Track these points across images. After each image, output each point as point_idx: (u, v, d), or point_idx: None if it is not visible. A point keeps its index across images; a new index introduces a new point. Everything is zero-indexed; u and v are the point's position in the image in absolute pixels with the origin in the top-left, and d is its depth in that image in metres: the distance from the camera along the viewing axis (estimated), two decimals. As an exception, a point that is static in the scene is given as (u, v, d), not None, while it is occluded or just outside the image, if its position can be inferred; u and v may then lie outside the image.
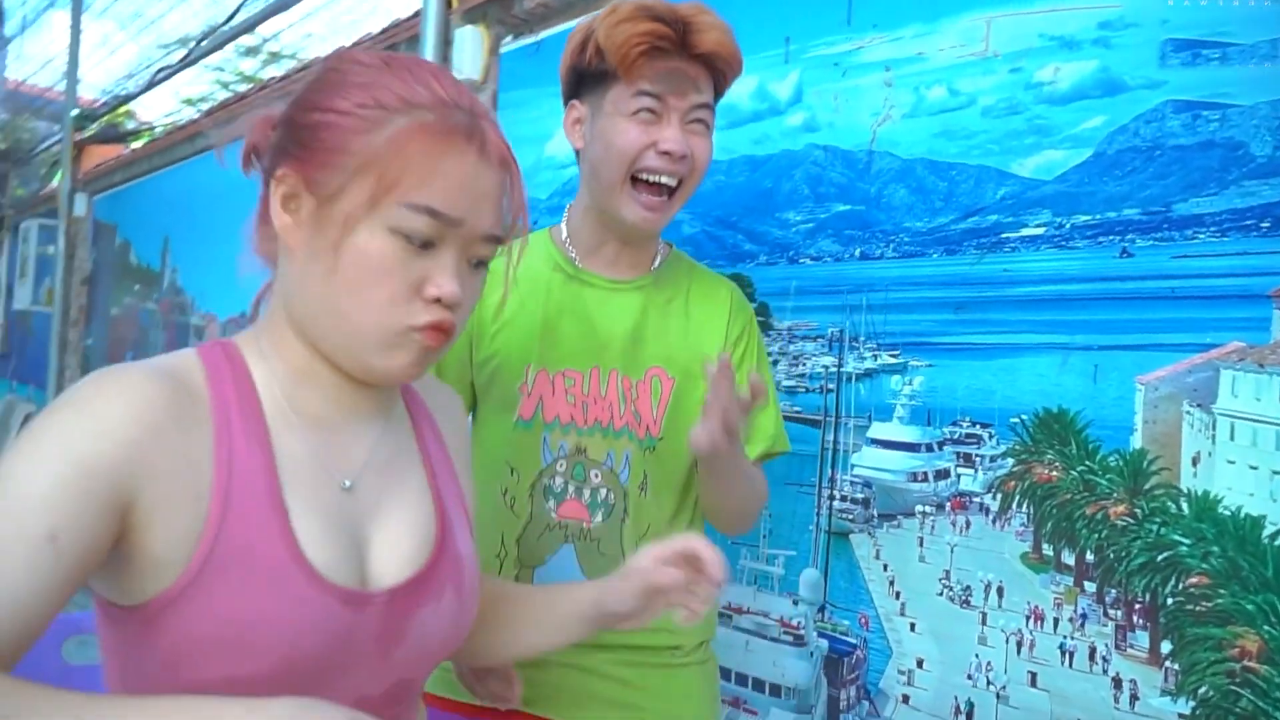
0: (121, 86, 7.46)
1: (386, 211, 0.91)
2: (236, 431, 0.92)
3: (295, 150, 0.95)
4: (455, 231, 0.94)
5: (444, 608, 1.02)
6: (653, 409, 1.51)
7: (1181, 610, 1.53)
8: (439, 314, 0.94)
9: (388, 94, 0.93)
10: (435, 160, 0.92)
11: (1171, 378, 1.58)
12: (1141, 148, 1.65)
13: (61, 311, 7.48)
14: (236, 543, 0.87)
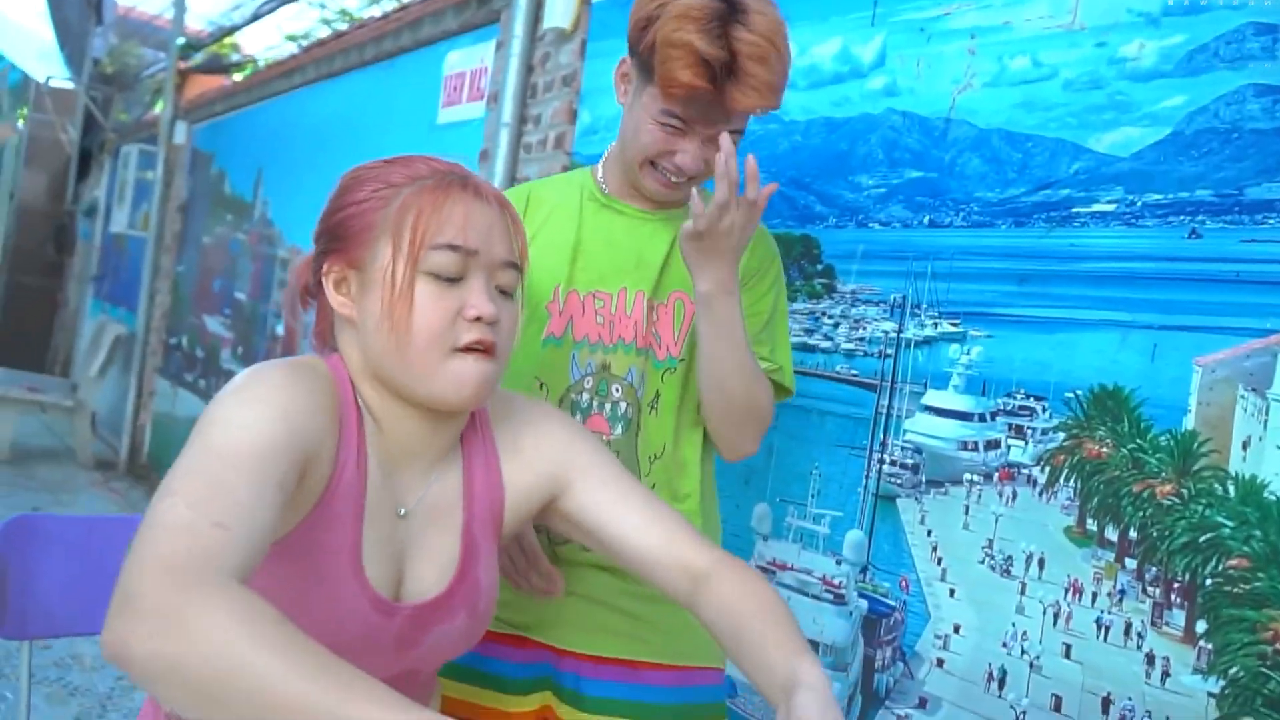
0: (227, 18, 7.63)
1: (413, 258, 1.08)
2: (350, 441, 1.11)
3: (334, 245, 1.15)
4: (476, 261, 1.11)
5: (457, 626, 1.20)
6: (674, 331, 1.59)
7: (1219, 591, 1.54)
8: (480, 331, 1.10)
9: (394, 175, 1.14)
10: (441, 206, 1.10)
11: (1229, 361, 1.57)
12: (1219, 129, 1.64)
13: (156, 237, 7.72)
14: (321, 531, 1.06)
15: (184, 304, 7.28)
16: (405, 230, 1.09)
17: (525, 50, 3.47)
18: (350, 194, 1.16)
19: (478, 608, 1.22)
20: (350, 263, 1.14)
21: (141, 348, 7.72)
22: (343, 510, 1.09)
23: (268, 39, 6.77)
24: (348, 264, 1.14)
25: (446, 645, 1.21)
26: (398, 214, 1.10)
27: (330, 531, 1.08)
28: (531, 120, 3.51)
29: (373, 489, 1.13)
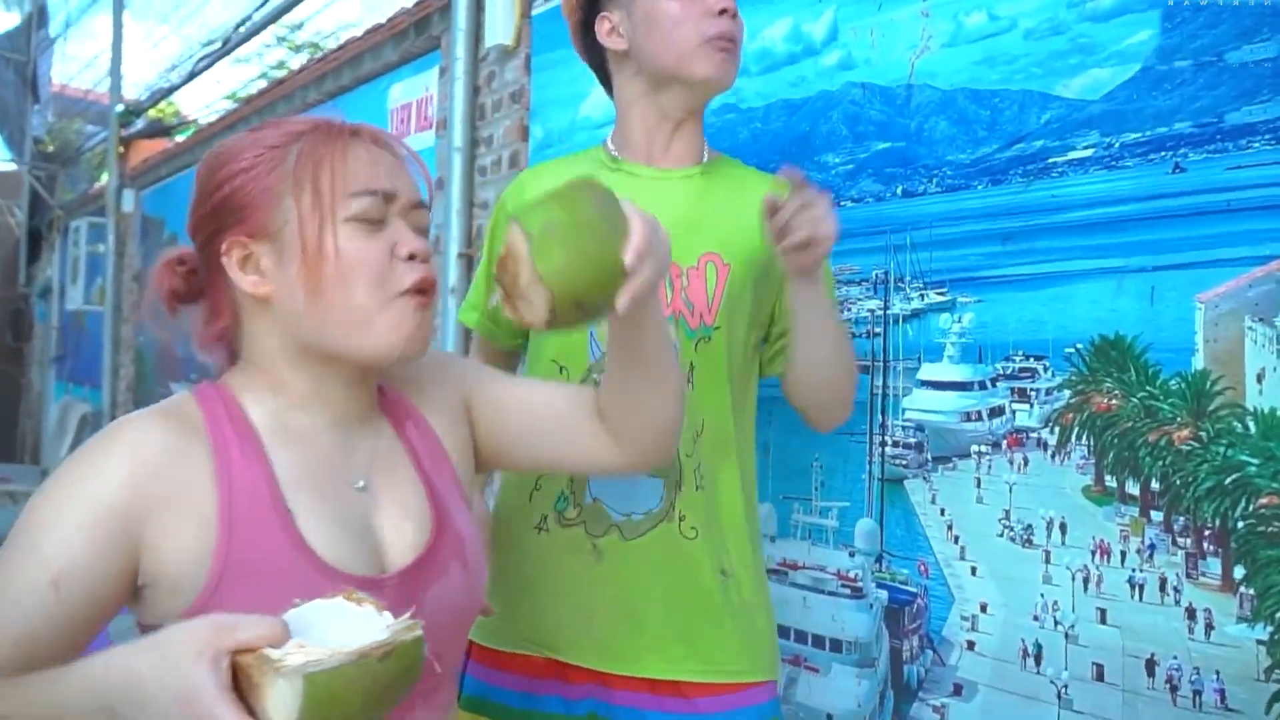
0: (164, 79, 7.54)
1: (335, 208, 1.02)
2: (233, 453, 1.02)
3: (226, 221, 1.05)
4: (393, 205, 1.05)
5: (452, 582, 1.11)
6: (708, 296, 1.48)
7: (1254, 533, 1.48)
8: (421, 269, 1.05)
9: (271, 137, 1.06)
10: (343, 155, 1.04)
11: (1232, 293, 1.52)
12: (1190, 59, 1.58)
13: (113, 309, 7.60)
14: (247, 552, 0.98)
15: (149, 374, 7.15)
16: (312, 181, 1.02)
17: (469, 72, 3.41)
18: (228, 167, 1.06)
19: (466, 557, 1.14)
20: (253, 234, 1.04)
21: (112, 423, 7.57)
22: (257, 512, 1.00)
23: (207, 97, 6.68)
24: (250, 236, 1.04)
25: (448, 610, 1.11)
26: (298, 168, 1.03)
27: (258, 536, 1.00)
28: (483, 142, 3.44)
29: (289, 472, 1.04)
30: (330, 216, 1.01)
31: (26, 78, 9.99)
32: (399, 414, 1.18)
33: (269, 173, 1.03)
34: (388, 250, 1.03)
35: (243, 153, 1.06)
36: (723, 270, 1.48)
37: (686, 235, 1.46)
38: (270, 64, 6.46)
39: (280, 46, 7.09)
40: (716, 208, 1.50)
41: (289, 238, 1.02)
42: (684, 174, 1.54)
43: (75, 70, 10.46)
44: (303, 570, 0.99)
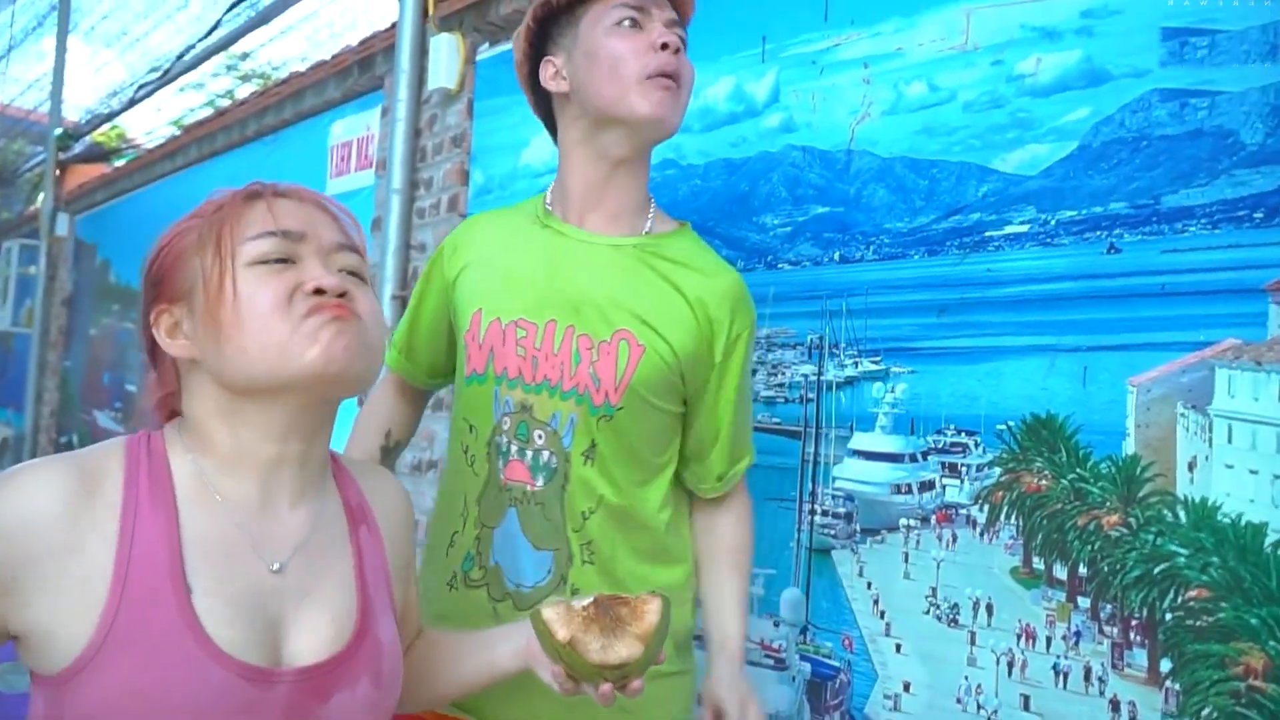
0: (105, 105, 7.40)
1: (237, 256, 1.01)
2: (143, 515, 0.99)
3: (154, 293, 1.07)
4: (305, 246, 1.03)
5: (359, 694, 1.06)
6: (616, 375, 1.42)
7: (1181, 625, 1.44)
8: (323, 299, 1.00)
9: (198, 211, 1.08)
10: (250, 208, 1.04)
11: (1164, 378, 1.50)
12: (1128, 139, 1.57)
13: (41, 333, 7.40)
14: (135, 619, 0.94)
15: (73, 400, 6.94)
16: (215, 236, 1.02)
17: (411, 114, 3.35)
18: (159, 243, 1.09)
19: (381, 672, 1.07)
20: (173, 299, 1.05)
21: (30, 449, 7.34)
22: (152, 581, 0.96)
23: (148, 123, 6.57)
24: (171, 302, 1.05)
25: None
26: (205, 230, 1.04)
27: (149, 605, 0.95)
28: (423, 184, 3.38)
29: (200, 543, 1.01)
30: (229, 262, 1.00)
31: (-35, 95, 9.76)
32: (357, 515, 1.15)
33: (183, 239, 1.05)
34: (291, 285, 1.01)
35: (174, 228, 1.08)
36: (635, 350, 1.42)
37: (605, 307, 1.43)
38: (217, 91, 6.35)
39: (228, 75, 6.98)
40: (641, 288, 1.44)
41: (201, 292, 1.02)
42: (614, 243, 1.47)
43: (19, 90, 10.22)
44: (190, 649, 0.95)
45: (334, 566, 1.09)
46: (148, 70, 6.49)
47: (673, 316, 1.43)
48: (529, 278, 1.46)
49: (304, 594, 1.05)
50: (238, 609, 0.99)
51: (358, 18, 4.79)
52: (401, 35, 3.31)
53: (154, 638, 0.94)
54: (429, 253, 3.29)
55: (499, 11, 3.00)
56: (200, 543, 1.00)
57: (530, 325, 1.44)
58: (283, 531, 1.06)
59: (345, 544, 1.12)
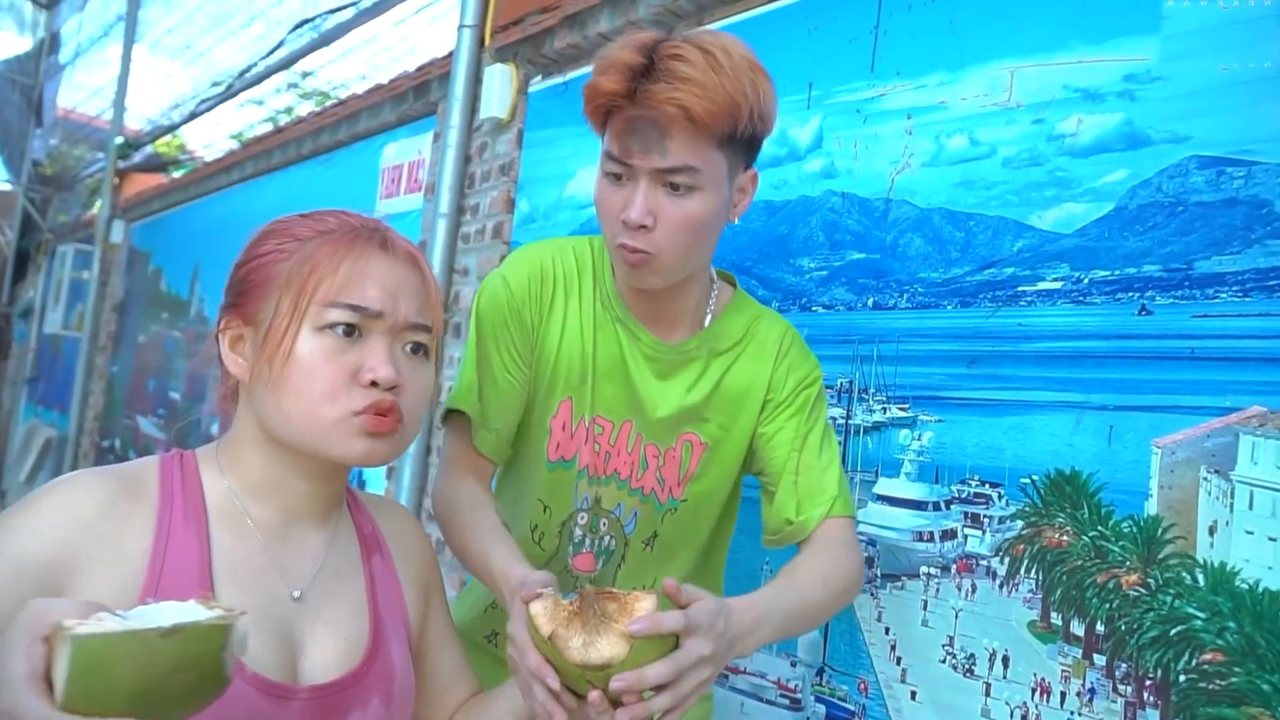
0: (166, 117, 7.58)
1: (309, 315, 1.02)
2: (176, 529, 1.02)
3: (233, 300, 1.09)
4: (378, 323, 1.04)
5: (371, 714, 1.09)
6: (680, 473, 1.45)
7: (1195, 688, 1.44)
8: (376, 396, 1.03)
9: (301, 229, 1.07)
10: (341, 260, 1.03)
11: (1189, 442, 1.50)
12: (1164, 203, 1.59)
13: (90, 337, 7.54)
14: None
15: (117, 405, 7.06)
16: (299, 282, 1.03)
17: (462, 141, 3.42)
18: (255, 248, 1.09)
19: (392, 693, 1.11)
20: (246, 319, 1.07)
21: (74, 450, 7.46)
22: (182, 592, 0.98)
23: (209, 136, 6.73)
24: (244, 320, 1.07)
25: None
26: (296, 266, 1.04)
27: None
28: (469, 210, 3.45)
29: (229, 561, 1.04)
30: (299, 319, 1.02)
31: (32, 101, 10.03)
32: (370, 544, 1.19)
33: (274, 264, 1.05)
34: (353, 369, 1.03)
35: (272, 237, 1.08)
36: (697, 450, 1.45)
37: (669, 420, 1.43)
38: (277, 108, 6.49)
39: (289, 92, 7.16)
40: (705, 388, 1.43)
41: (270, 331, 1.04)
42: (682, 350, 1.42)
43: (83, 96, 10.49)
44: None
45: (348, 591, 1.13)
46: (210, 84, 6.66)
47: (733, 407, 1.43)
48: (609, 374, 1.43)
49: (319, 616, 1.09)
50: (260, 627, 1.02)
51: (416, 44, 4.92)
52: (457, 63, 3.39)
53: None
54: (472, 277, 3.35)
55: (553, 45, 3.07)
56: (228, 561, 1.04)
57: (607, 423, 1.44)
58: (303, 557, 1.11)
59: (359, 571, 1.16)
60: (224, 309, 1.11)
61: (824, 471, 1.41)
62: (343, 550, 1.15)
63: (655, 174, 1.25)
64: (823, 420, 1.47)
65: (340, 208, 1.15)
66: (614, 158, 1.28)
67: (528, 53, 3.21)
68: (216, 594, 1.01)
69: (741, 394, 1.45)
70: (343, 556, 1.15)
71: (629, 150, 1.26)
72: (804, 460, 1.42)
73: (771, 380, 1.45)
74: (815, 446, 1.43)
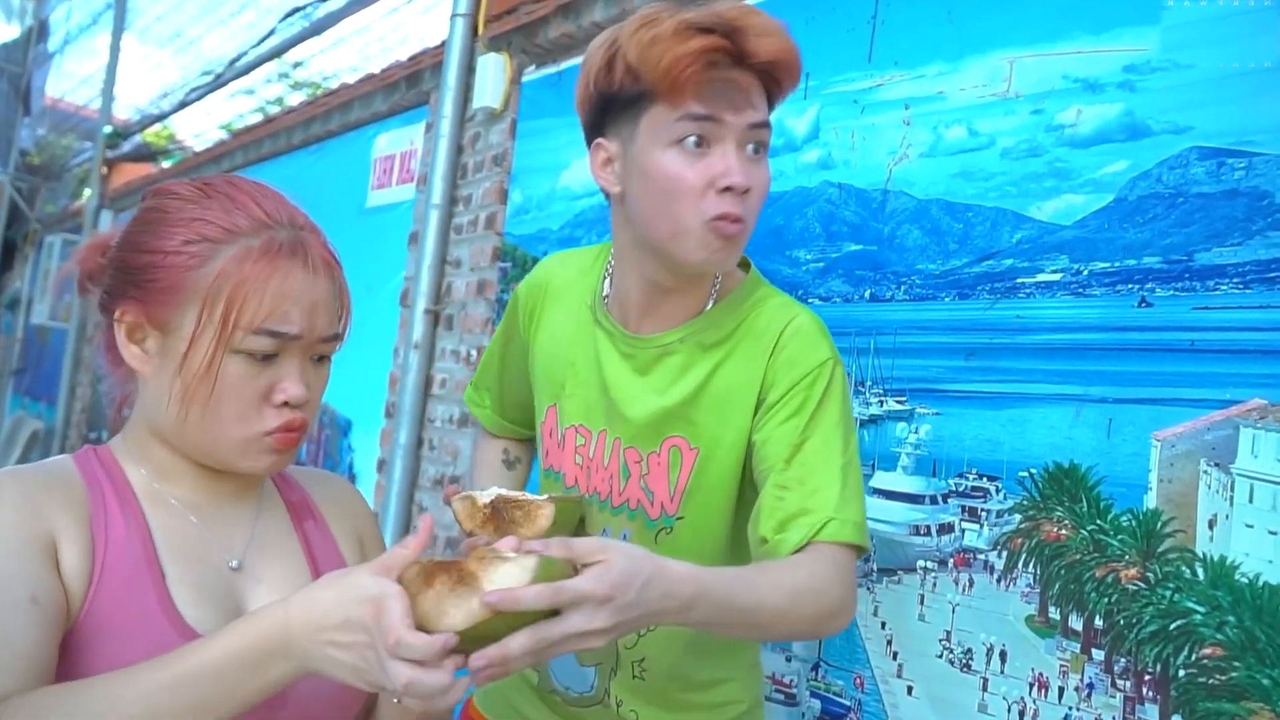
0: (155, 106, 7.53)
1: (228, 337, 1.00)
2: (113, 514, 1.03)
3: (132, 291, 1.04)
4: (295, 343, 1.04)
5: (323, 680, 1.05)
6: (670, 485, 1.31)
7: (1194, 683, 1.43)
8: (288, 415, 1.04)
9: (210, 227, 1.02)
10: (265, 282, 1.00)
11: (1189, 434, 1.50)
12: (1164, 194, 1.58)
13: (78, 328, 7.50)
14: (113, 601, 0.98)
15: (104, 397, 7.02)
16: (220, 305, 1.00)
17: (455, 131, 3.40)
18: (156, 237, 1.02)
19: None
20: (150, 319, 1.03)
21: (60, 443, 7.43)
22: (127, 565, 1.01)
23: (198, 125, 6.69)
24: (148, 319, 1.04)
25: (317, 704, 1.08)
26: (215, 283, 1.00)
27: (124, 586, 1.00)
28: (462, 201, 3.42)
29: (167, 535, 1.06)
30: (223, 346, 1.00)
31: (20, 89, 9.96)
32: (300, 511, 1.21)
33: (187, 271, 1.01)
34: (266, 389, 1.03)
35: (177, 230, 1.02)
36: (688, 456, 1.30)
37: (649, 417, 1.31)
38: (267, 98, 6.45)
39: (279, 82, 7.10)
40: (690, 385, 1.30)
41: (178, 344, 1.01)
42: (660, 343, 1.32)
43: (72, 85, 10.42)
44: (165, 630, 0.99)
45: (285, 557, 1.15)
46: (200, 73, 6.61)
47: (723, 409, 1.29)
48: (585, 380, 1.36)
49: (260, 580, 1.11)
50: (207, 594, 1.05)
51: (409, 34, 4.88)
52: (450, 53, 3.37)
53: (132, 619, 0.99)
54: (464, 269, 3.33)
55: (547, 35, 3.05)
56: (167, 538, 1.05)
57: (586, 432, 1.37)
58: (232, 531, 1.12)
59: (291, 537, 1.17)
60: (117, 295, 1.05)
61: (819, 489, 1.21)
62: (271, 520, 1.17)
63: (744, 133, 1.20)
64: (829, 424, 1.25)
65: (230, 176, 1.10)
66: (700, 118, 1.18)
67: (521, 42, 3.19)
68: (164, 570, 1.03)
69: (730, 394, 1.29)
70: (272, 525, 1.16)
71: (720, 108, 1.18)
72: (792, 474, 1.22)
73: (764, 379, 1.28)
74: (812, 457, 1.23)
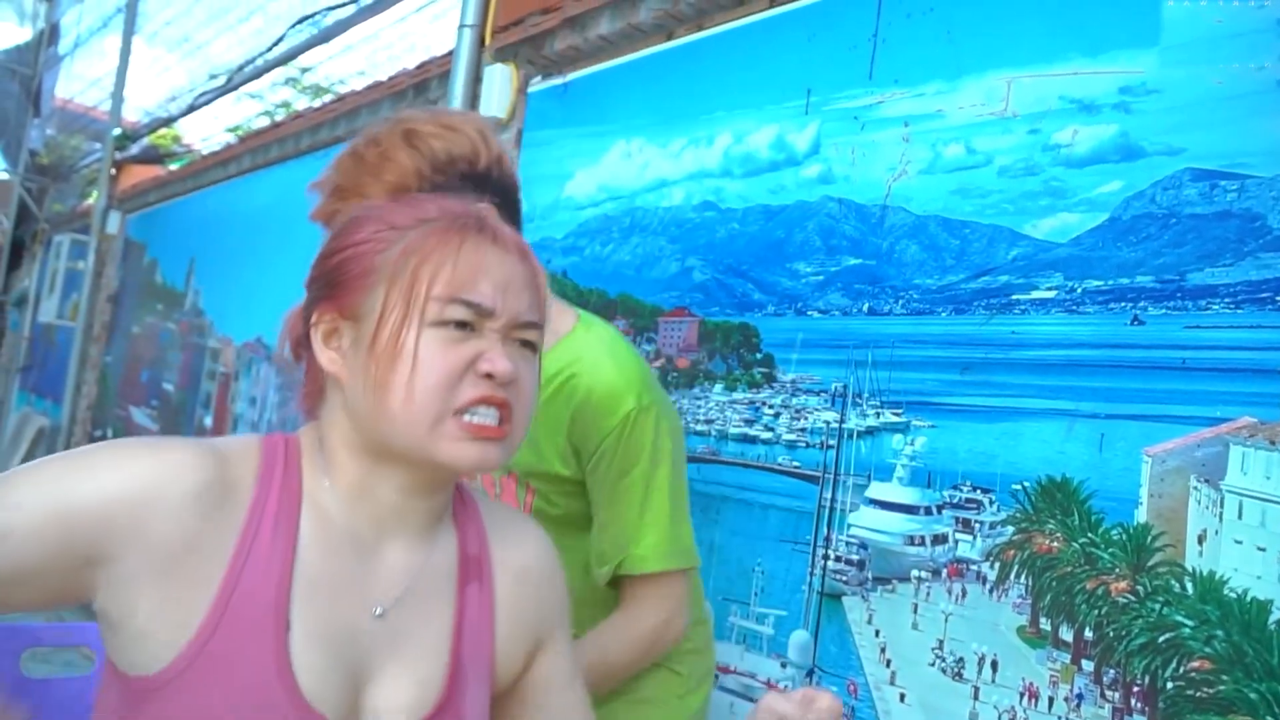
0: (164, 109, 7.57)
1: (420, 309, 0.94)
2: (263, 536, 0.94)
3: (326, 291, 1.00)
4: (490, 321, 0.96)
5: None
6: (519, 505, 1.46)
7: (1182, 695, 1.46)
8: (488, 388, 0.95)
9: (398, 216, 0.99)
10: (454, 252, 0.96)
11: (1179, 451, 1.52)
12: (1157, 215, 1.61)
13: (85, 327, 7.54)
14: (230, 647, 0.89)
15: (110, 395, 7.06)
16: (407, 276, 0.95)
17: (461, 139, 3.42)
18: (348, 235, 1.01)
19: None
20: (343, 312, 0.98)
21: (66, 440, 7.46)
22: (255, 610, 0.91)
23: (206, 129, 6.74)
24: (340, 314, 0.99)
25: None
26: (400, 258, 0.96)
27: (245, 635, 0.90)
28: (467, 209, 3.45)
29: (311, 580, 0.95)
30: (416, 318, 0.94)
31: (30, 91, 10.02)
32: (470, 569, 1.07)
33: (375, 254, 0.97)
34: (469, 359, 0.95)
35: (366, 224, 1.00)
36: (529, 494, 1.44)
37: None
38: (275, 103, 6.48)
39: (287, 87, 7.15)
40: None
41: (369, 328, 0.96)
42: None
43: (81, 87, 10.48)
44: (276, 694, 0.90)
45: (432, 622, 1.02)
46: (208, 77, 6.66)
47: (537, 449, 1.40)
48: None
49: (395, 647, 0.99)
50: (329, 655, 0.94)
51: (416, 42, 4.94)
52: (457, 62, 3.40)
53: (243, 673, 0.89)
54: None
55: (553, 46, 3.08)
56: (310, 574, 0.96)
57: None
58: (389, 575, 1.01)
59: (449, 599, 1.04)
60: (314, 302, 1.01)
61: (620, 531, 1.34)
62: (435, 574, 1.04)
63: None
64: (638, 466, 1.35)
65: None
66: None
67: (528, 53, 3.22)
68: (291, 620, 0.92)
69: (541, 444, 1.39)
70: (435, 579, 1.04)
71: None
72: (601, 516, 1.37)
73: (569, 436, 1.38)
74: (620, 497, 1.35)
